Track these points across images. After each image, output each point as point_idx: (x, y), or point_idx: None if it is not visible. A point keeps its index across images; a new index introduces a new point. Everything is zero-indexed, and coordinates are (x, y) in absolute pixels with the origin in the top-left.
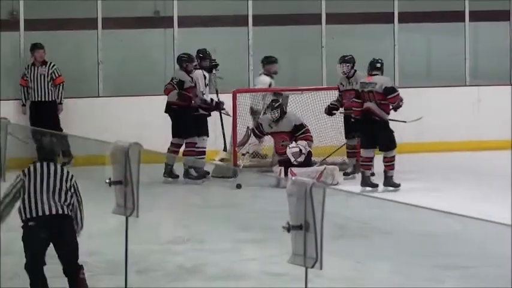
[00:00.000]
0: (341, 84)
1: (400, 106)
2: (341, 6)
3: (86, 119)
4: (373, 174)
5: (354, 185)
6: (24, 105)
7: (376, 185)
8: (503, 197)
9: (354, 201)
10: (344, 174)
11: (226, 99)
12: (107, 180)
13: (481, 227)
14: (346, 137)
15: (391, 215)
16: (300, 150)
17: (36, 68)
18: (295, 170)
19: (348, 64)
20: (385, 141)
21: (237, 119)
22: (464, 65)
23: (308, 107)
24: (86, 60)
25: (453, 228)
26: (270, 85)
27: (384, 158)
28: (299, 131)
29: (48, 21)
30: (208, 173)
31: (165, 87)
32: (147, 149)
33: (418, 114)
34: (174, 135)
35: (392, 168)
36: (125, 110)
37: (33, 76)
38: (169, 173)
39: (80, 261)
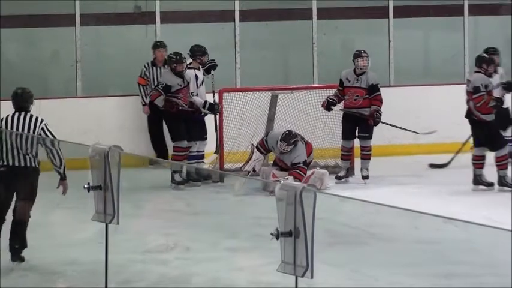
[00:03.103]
0: (346, 79)
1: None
2: (333, 0)
3: (63, 120)
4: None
5: (347, 189)
6: (145, 104)
7: (492, 184)
8: (510, 202)
9: (348, 206)
10: (336, 178)
11: (211, 98)
12: (86, 186)
13: (485, 233)
14: (343, 138)
15: (389, 221)
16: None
17: (157, 69)
18: (277, 173)
19: (368, 58)
20: (493, 140)
21: (223, 120)
22: (464, 62)
23: (298, 107)
24: (64, 59)
25: (456, 235)
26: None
27: (496, 157)
28: (293, 168)
29: (23, 17)
30: (200, 179)
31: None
32: (128, 152)
33: (415, 113)
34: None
35: (505, 168)
36: (104, 111)
37: (154, 77)
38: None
39: (58, 270)
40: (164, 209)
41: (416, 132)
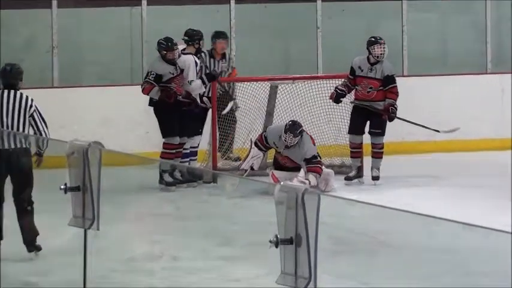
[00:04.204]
0: (359, 67)
1: None
2: None
3: None
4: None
5: (355, 191)
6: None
7: None
8: None
9: (356, 211)
10: (346, 179)
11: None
12: (62, 187)
13: (509, 241)
14: (350, 132)
15: (402, 227)
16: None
17: (214, 62)
18: (277, 173)
19: (385, 46)
20: None
21: (216, 114)
22: (486, 49)
23: (300, 99)
24: (39, 44)
25: (476, 243)
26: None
27: None
28: (309, 163)
29: None
30: (195, 179)
31: (142, 86)
32: (110, 150)
33: (430, 107)
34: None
35: None
36: (84, 103)
37: (209, 70)
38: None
39: (30, 282)
40: (150, 213)
41: (437, 131)
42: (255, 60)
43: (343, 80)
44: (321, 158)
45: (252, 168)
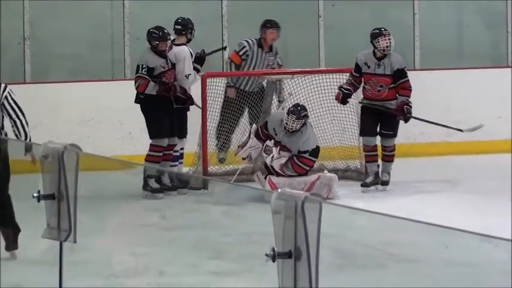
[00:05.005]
0: (365, 64)
1: None
2: None
3: None
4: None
5: (361, 198)
6: (232, 86)
7: None
8: None
9: (363, 220)
10: (363, 185)
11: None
12: (35, 194)
13: None
14: (363, 135)
15: (413, 238)
16: (269, 151)
17: (262, 52)
18: (274, 179)
19: (391, 37)
20: None
21: (207, 112)
22: (506, 40)
23: (300, 96)
24: (9, 36)
25: (496, 256)
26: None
27: None
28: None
29: None
30: (186, 185)
31: (136, 82)
32: (88, 153)
33: (445, 104)
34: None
35: None
36: (59, 101)
37: (255, 60)
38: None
39: None
40: (133, 223)
41: (460, 130)
42: None
43: (347, 76)
44: (315, 158)
45: (250, 157)
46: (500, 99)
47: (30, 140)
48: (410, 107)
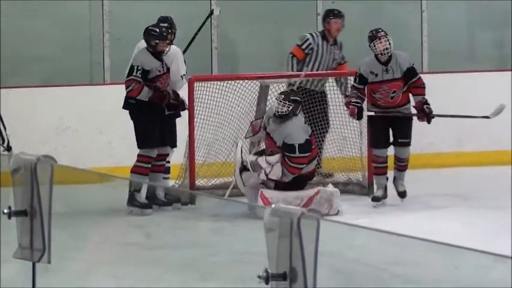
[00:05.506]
0: (371, 73)
1: None
2: None
3: None
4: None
5: (363, 214)
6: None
7: None
8: None
9: (364, 238)
10: (374, 200)
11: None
12: (5, 210)
13: None
14: (376, 146)
15: (420, 258)
16: (258, 168)
17: (327, 45)
18: (267, 193)
19: (388, 38)
20: None
21: (195, 119)
22: None
23: None
24: None
25: (510, 278)
26: None
27: None
28: (286, 156)
29: None
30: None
31: (130, 86)
32: (63, 165)
33: (455, 109)
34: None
35: None
36: (32, 107)
37: (320, 54)
38: (152, 199)
39: None
40: (114, 241)
41: (487, 117)
42: (242, 53)
43: (351, 89)
44: (306, 153)
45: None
46: None
47: (8, 142)
48: (429, 105)
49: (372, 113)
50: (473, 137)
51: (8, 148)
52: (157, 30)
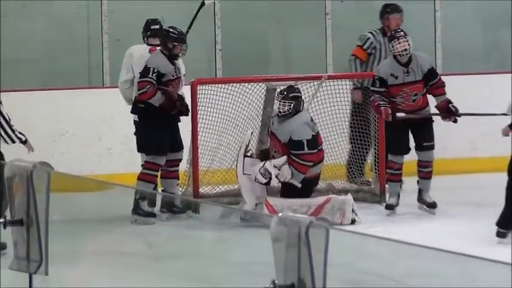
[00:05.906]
0: (391, 75)
1: None
2: None
3: None
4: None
5: (376, 223)
6: (358, 88)
7: None
8: None
9: (376, 248)
10: (388, 208)
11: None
12: (1, 220)
13: None
14: (395, 153)
15: (434, 268)
16: (268, 173)
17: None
18: (272, 201)
19: (407, 38)
20: None
21: (198, 125)
22: None
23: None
24: None
25: None
26: None
27: None
28: (293, 153)
29: None
30: (183, 209)
31: (144, 88)
32: (61, 172)
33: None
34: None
35: None
36: (29, 112)
37: (382, 52)
38: (169, 207)
39: None
40: (114, 251)
41: (506, 114)
42: (247, 55)
43: (371, 94)
44: (313, 149)
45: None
46: None
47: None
48: (453, 103)
49: (402, 114)
50: (489, 140)
51: (24, 141)
52: (177, 32)
